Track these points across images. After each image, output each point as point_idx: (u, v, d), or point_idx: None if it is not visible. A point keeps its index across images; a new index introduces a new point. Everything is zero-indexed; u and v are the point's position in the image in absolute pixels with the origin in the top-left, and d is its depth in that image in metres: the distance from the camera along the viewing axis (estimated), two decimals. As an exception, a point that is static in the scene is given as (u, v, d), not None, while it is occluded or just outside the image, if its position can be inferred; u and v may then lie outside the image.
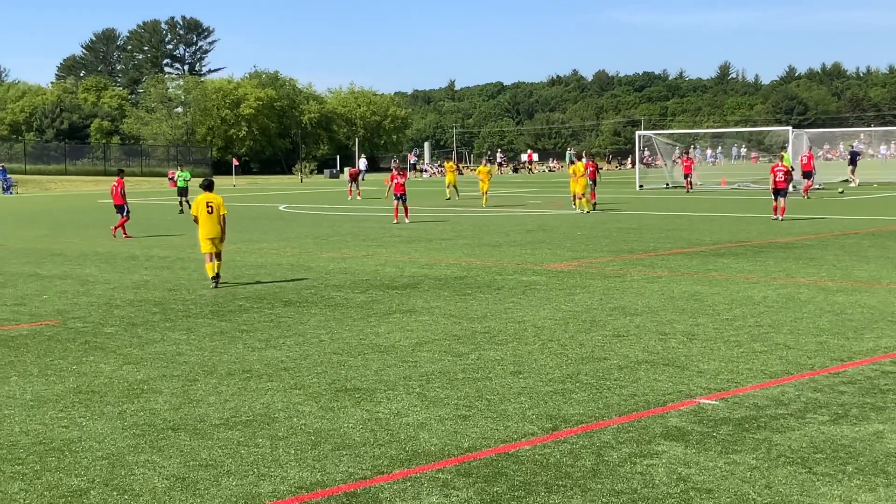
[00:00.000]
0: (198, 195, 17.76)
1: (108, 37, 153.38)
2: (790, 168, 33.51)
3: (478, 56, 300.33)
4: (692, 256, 20.50)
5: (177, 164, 58.88)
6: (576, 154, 44.41)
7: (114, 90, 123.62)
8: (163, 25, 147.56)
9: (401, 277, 18.02)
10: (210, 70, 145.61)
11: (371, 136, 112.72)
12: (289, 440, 8.06)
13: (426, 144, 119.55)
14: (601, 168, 55.90)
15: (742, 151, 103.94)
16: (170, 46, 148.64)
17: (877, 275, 17.13)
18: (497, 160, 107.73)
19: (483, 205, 39.86)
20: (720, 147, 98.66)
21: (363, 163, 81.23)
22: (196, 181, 28.66)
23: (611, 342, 11.70)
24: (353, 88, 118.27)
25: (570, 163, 50.55)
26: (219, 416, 8.81)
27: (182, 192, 40.42)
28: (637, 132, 68.02)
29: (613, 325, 12.76)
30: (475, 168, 66.26)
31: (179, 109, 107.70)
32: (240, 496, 6.82)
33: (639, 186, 54.85)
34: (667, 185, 54.93)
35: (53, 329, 13.44)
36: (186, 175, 41.79)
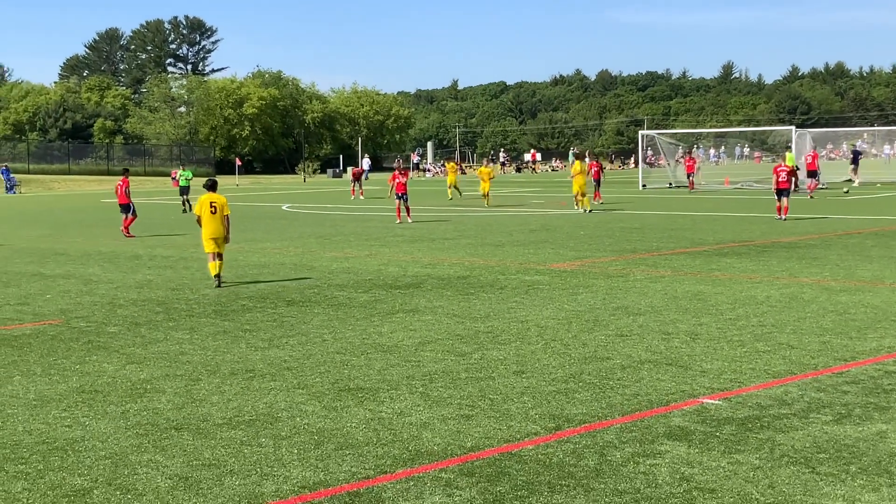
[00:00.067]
0: (201, 195, 17.78)
1: (112, 36, 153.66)
2: (795, 168, 33.47)
3: (481, 55, 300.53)
4: (695, 256, 20.49)
5: (180, 164, 59.00)
6: (577, 153, 44.26)
7: (117, 90, 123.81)
8: (166, 25, 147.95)
9: (404, 277, 18.02)
10: (213, 70, 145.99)
11: (374, 136, 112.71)
12: (292, 440, 8.06)
13: (429, 144, 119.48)
14: (605, 168, 55.89)
15: (745, 151, 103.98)
16: (173, 46, 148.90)
17: (880, 274, 17.11)
18: (500, 160, 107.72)
19: (486, 205, 39.81)
20: (723, 147, 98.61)
21: (367, 162, 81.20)
22: (199, 181, 28.67)
23: (614, 342, 11.69)
24: (357, 88, 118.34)
25: (573, 163, 50.50)
26: (222, 416, 8.82)
27: (184, 192, 40.74)
28: (640, 132, 67.97)
29: (616, 325, 12.75)
30: (477, 168, 66.22)
31: (183, 109, 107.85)
32: (243, 496, 6.83)
33: (642, 186, 54.83)
34: (670, 185, 54.92)
35: (57, 328, 13.45)
36: (188, 174, 42.02)
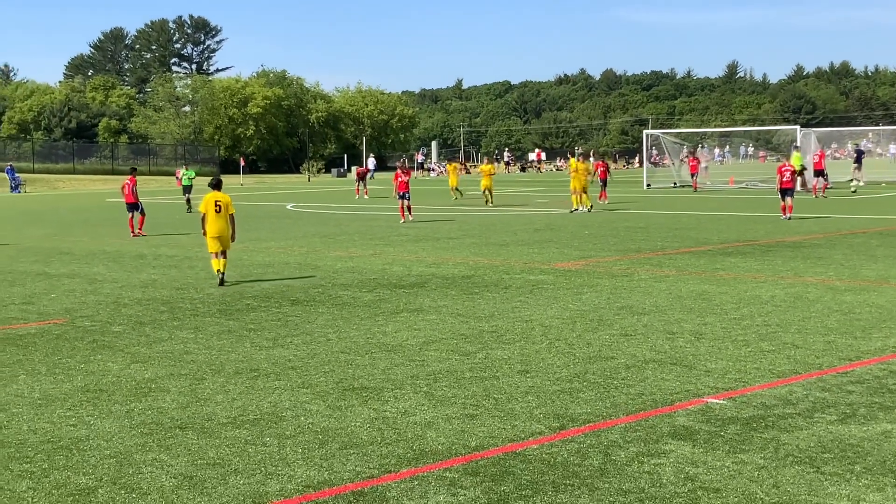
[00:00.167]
0: (206, 193, 17.79)
1: (116, 36, 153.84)
2: (802, 167, 33.37)
3: (485, 55, 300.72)
4: (700, 255, 20.47)
5: (184, 164, 59.07)
6: (582, 153, 44.22)
7: (122, 89, 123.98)
8: (170, 25, 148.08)
9: (408, 276, 18.02)
10: (218, 69, 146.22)
11: (378, 135, 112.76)
12: (296, 439, 8.07)
13: (433, 143, 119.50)
14: (610, 168, 55.78)
15: (750, 151, 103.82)
16: (177, 45, 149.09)
17: (885, 274, 17.08)
18: (505, 159, 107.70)
19: (486, 205, 39.59)
20: (728, 146, 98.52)
21: (372, 162, 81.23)
22: (203, 180, 28.69)
23: (618, 341, 11.69)
24: (361, 87, 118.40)
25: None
26: (226, 415, 8.82)
27: (187, 191, 40.89)
28: (645, 131, 67.92)
29: (621, 325, 12.74)
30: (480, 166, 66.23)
31: (187, 108, 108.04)
32: (247, 495, 6.83)
33: (646, 185, 54.79)
34: (674, 185, 54.87)
35: (61, 328, 13.47)
36: (191, 174, 42.17)
